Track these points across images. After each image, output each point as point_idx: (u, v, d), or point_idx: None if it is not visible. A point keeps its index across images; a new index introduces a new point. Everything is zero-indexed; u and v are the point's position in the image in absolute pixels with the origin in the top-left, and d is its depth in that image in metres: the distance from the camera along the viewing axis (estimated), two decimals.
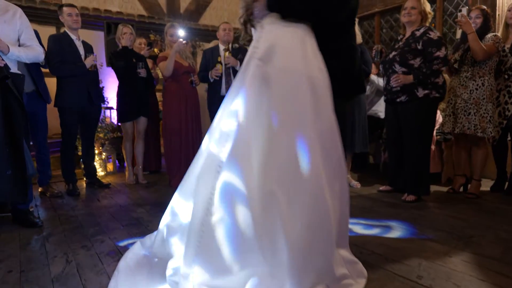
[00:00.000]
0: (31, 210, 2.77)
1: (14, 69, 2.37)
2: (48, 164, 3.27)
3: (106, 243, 2.12)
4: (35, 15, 4.64)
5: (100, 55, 5.04)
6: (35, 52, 2.50)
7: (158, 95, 4.48)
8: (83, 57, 3.32)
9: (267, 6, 1.45)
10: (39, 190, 3.37)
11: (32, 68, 2.93)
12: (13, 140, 2.14)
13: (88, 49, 3.40)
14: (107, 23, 4.75)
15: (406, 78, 2.74)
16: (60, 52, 3.19)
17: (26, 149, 2.24)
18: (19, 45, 2.46)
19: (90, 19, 5.01)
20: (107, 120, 4.77)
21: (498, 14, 3.56)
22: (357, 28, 3.38)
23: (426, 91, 2.74)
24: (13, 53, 2.31)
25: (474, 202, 2.85)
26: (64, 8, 3.25)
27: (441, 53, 2.68)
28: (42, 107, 3.09)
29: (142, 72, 3.56)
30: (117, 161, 4.61)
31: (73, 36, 3.29)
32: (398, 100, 2.85)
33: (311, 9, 1.45)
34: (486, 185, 3.18)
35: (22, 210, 2.47)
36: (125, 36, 3.56)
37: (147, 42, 4.06)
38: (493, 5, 3.58)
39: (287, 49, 1.41)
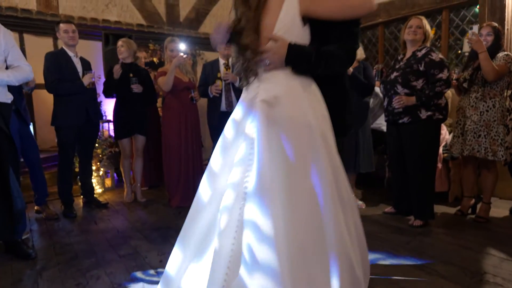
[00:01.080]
0: (26, 235, 2.68)
1: (2, 95, 2.27)
2: (44, 183, 3.16)
3: (102, 280, 2.02)
4: (31, 26, 4.54)
5: (98, 66, 4.94)
6: (25, 73, 2.39)
7: (159, 101, 4.38)
8: (81, 74, 3.22)
9: (285, 61, 1.37)
10: (35, 208, 3.28)
11: (12, 86, 2.75)
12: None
13: (86, 66, 3.29)
14: (105, 34, 4.63)
15: (408, 99, 2.68)
16: (57, 70, 3.09)
17: (15, 183, 2.14)
18: (7, 66, 2.36)
19: (88, 29, 4.90)
20: (106, 133, 4.67)
21: (507, 29, 3.45)
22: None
23: (429, 113, 2.69)
24: (2, 79, 2.22)
25: (484, 227, 2.75)
26: (61, 25, 3.16)
27: (443, 75, 2.62)
28: (26, 125, 2.96)
29: (135, 88, 3.40)
30: (115, 174, 4.52)
31: (70, 53, 3.19)
32: (400, 121, 2.78)
33: (331, 68, 1.44)
34: (494, 204, 3.07)
35: (15, 240, 2.37)
36: (118, 50, 3.47)
37: (145, 62, 3.93)
38: (501, 19, 3.47)
39: (292, 99, 1.35)
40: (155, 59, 5.55)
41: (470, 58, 2.91)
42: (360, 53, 3.27)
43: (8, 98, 2.32)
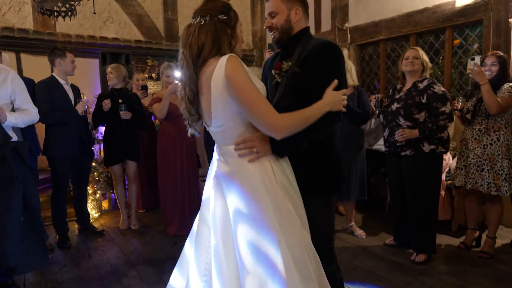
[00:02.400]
0: None
1: (14, 135, 2.30)
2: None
3: None
4: (28, 46, 4.50)
5: (96, 84, 4.90)
6: (31, 116, 2.43)
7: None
8: (73, 101, 3.16)
9: (272, 150, 1.39)
10: None
11: None
12: (29, 209, 2.05)
13: (77, 92, 3.24)
14: (102, 53, 4.56)
15: (411, 132, 2.61)
16: (50, 100, 3.02)
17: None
18: (14, 108, 2.38)
19: (86, 47, 4.85)
20: (102, 153, 4.61)
21: None
22: (353, 72, 3.16)
23: (433, 146, 2.62)
24: (10, 121, 2.23)
25: (489, 264, 2.65)
26: (68, 54, 3.13)
27: (446, 108, 2.57)
28: (33, 157, 2.90)
29: (123, 115, 3.30)
30: (113, 194, 4.46)
31: (62, 81, 3.13)
32: (403, 153, 2.70)
33: (314, 138, 1.47)
34: (499, 233, 2.94)
35: (4, 283, 2.32)
36: (107, 77, 3.43)
37: (141, 85, 3.86)
38: (507, 42, 3.36)
39: (243, 175, 1.36)
40: (153, 75, 5.50)
41: (474, 86, 2.81)
42: (354, 79, 3.15)
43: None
